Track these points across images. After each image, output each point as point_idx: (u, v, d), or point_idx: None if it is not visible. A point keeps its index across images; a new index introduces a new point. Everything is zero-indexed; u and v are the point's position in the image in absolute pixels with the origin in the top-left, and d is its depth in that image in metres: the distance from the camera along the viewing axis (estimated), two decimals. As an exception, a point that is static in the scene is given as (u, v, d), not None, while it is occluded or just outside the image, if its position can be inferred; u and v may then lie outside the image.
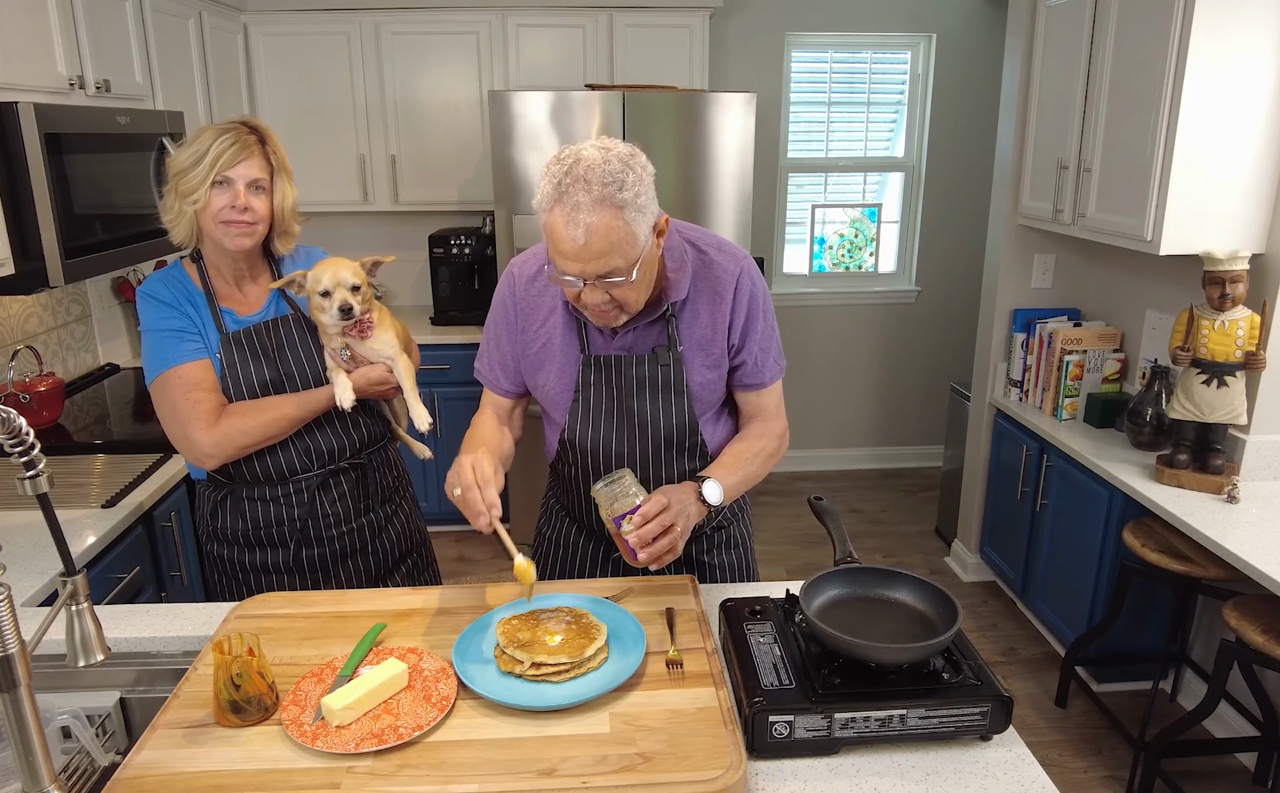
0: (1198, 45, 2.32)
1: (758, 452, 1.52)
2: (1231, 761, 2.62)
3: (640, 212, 1.27)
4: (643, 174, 1.28)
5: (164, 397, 1.59)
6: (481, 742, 1.11)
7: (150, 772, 1.07)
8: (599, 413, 1.50)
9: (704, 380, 1.49)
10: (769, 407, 1.56)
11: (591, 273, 1.28)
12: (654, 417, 1.49)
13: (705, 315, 1.47)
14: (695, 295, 1.47)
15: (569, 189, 1.24)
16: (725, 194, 3.47)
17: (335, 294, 1.59)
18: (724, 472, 1.46)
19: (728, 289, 1.47)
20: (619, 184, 1.24)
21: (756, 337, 1.49)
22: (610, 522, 1.37)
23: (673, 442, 1.51)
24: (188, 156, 1.53)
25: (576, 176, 1.24)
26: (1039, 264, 3.34)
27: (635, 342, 1.47)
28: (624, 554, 1.37)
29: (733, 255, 1.50)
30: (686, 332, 1.47)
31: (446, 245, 3.89)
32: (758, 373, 1.52)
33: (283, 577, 1.73)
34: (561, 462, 1.59)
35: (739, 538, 1.71)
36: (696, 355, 1.48)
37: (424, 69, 3.80)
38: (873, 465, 4.87)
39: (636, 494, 1.36)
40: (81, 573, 1.03)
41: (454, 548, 3.91)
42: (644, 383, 1.48)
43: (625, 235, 1.26)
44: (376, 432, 1.80)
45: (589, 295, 1.32)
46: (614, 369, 1.48)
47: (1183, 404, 2.45)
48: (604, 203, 1.23)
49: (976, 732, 1.16)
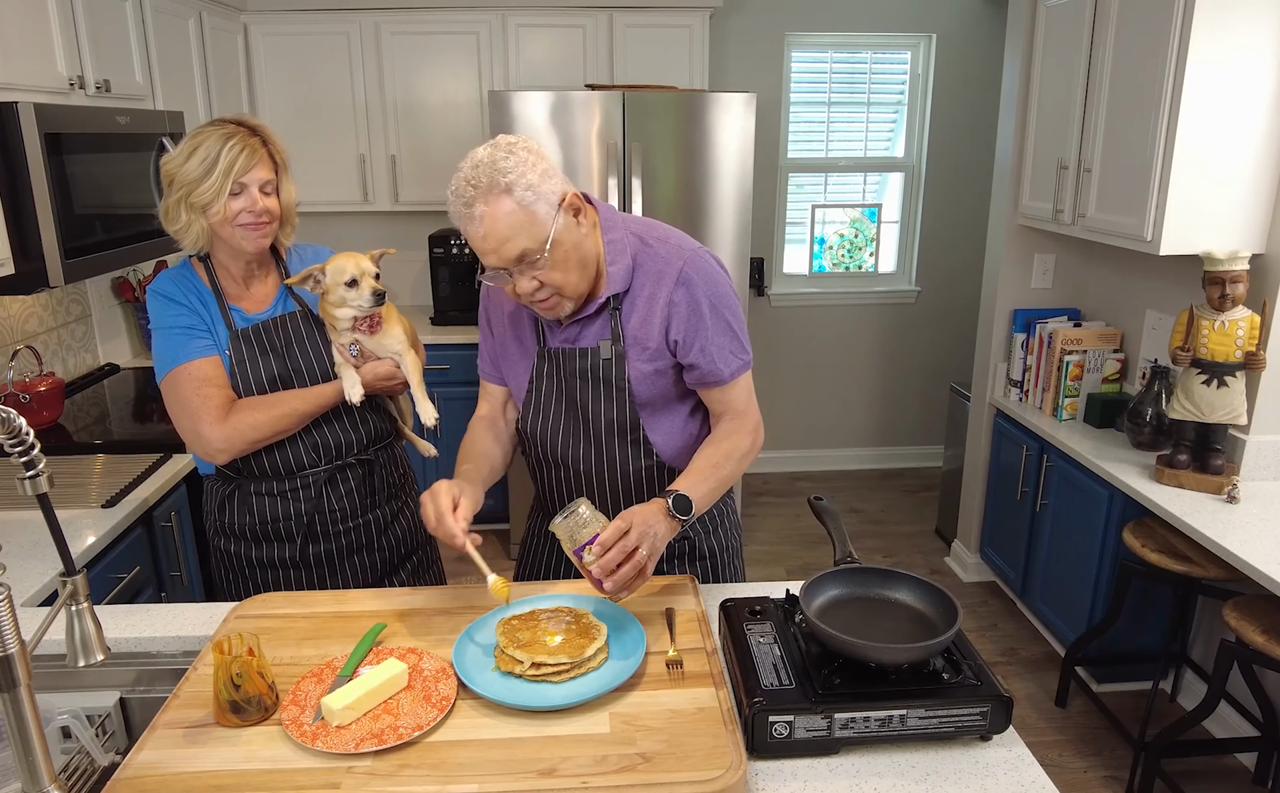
0: (1198, 45, 2.32)
1: (728, 453, 1.46)
2: (1231, 761, 2.62)
3: (531, 190, 1.30)
4: (526, 155, 1.32)
5: (174, 393, 1.60)
6: (481, 742, 1.11)
7: (150, 772, 1.07)
8: (549, 405, 1.54)
9: (641, 374, 1.47)
10: (737, 402, 1.50)
11: (505, 259, 1.33)
12: (595, 411, 1.50)
13: (643, 308, 1.45)
14: (638, 288, 1.46)
15: (461, 190, 1.31)
16: (725, 194, 3.47)
17: (364, 282, 1.61)
18: (693, 481, 1.39)
19: (665, 283, 1.43)
20: (502, 170, 1.29)
21: (705, 332, 1.43)
22: (572, 555, 1.32)
23: (614, 438, 1.52)
24: (196, 166, 1.53)
25: (465, 177, 1.31)
26: (1039, 264, 3.34)
27: (581, 334, 1.49)
28: (593, 585, 1.32)
29: (677, 248, 1.46)
30: (627, 325, 1.47)
31: (446, 245, 3.89)
32: (714, 371, 1.46)
33: (289, 572, 1.74)
34: (524, 453, 1.66)
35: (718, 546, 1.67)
36: (633, 349, 1.47)
37: (424, 69, 3.80)
38: (873, 465, 4.87)
39: (595, 523, 1.31)
40: (81, 573, 1.03)
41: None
42: (586, 375, 1.49)
43: (522, 216, 1.30)
44: (383, 428, 1.81)
45: (520, 284, 1.36)
46: (561, 361, 1.50)
47: (1183, 404, 2.45)
48: (492, 190, 1.29)
49: (976, 732, 1.16)
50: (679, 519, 1.34)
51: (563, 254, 1.35)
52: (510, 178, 1.29)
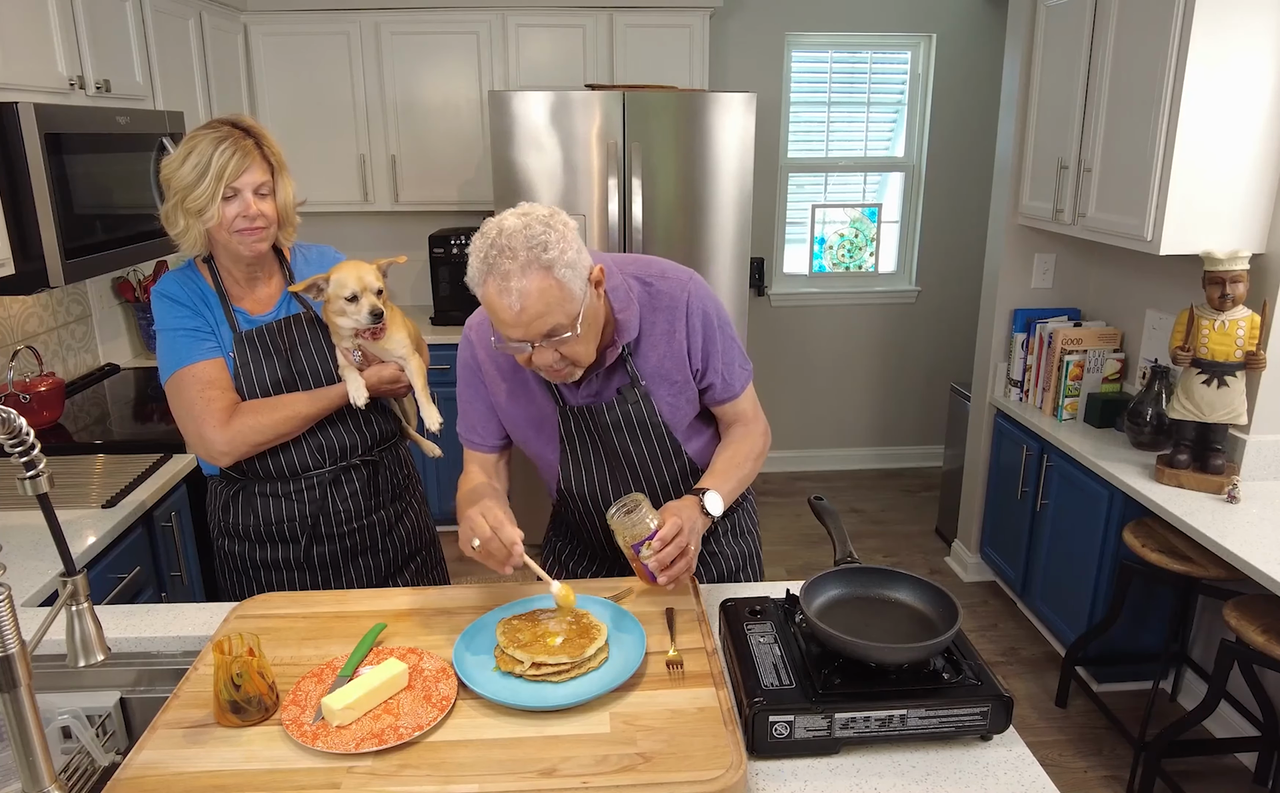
0: (1198, 45, 2.32)
1: (747, 454, 1.56)
2: (1231, 761, 2.62)
3: (570, 267, 1.27)
4: (565, 231, 1.28)
5: (178, 395, 1.60)
6: (481, 742, 1.11)
7: (150, 772, 1.07)
8: (588, 460, 1.54)
9: (672, 405, 1.51)
10: (746, 411, 1.59)
11: (534, 334, 1.29)
12: (639, 453, 1.52)
13: (662, 345, 1.47)
14: (647, 329, 1.47)
15: (495, 260, 1.25)
16: (725, 194, 3.47)
17: (363, 300, 1.60)
18: (719, 480, 1.49)
19: (679, 315, 1.47)
20: (543, 245, 1.24)
21: (718, 353, 1.51)
22: (628, 548, 1.40)
23: (663, 473, 1.55)
24: (190, 171, 1.52)
25: (501, 247, 1.24)
26: (1039, 264, 3.34)
27: (602, 389, 1.48)
28: (641, 577, 1.43)
29: (677, 280, 1.49)
30: (644, 365, 1.48)
31: (447, 245, 3.89)
32: (728, 388, 1.54)
33: (293, 573, 1.74)
34: (563, 507, 1.64)
35: (746, 527, 1.73)
36: (659, 386, 1.49)
37: (424, 69, 3.80)
38: (873, 465, 4.87)
39: (652, 520, 1.39)
40: (82, 573, 1.03)
41: (456, 548, 3.90)
42: (619, 424, 1.50)
43: (559, 293, 1.26)
44: (388, 429, 1.81)
45: (539, 357, 1.32)
46: (590, 417, 1.50)
47: (1183, 404, 2.45)
48: (531, 265, 1.24)
49: (977, 732, 1.16)
50: (709, 516, 1.44)
51: (588, 327, 1.34)
52: (552, 255, 1.25)
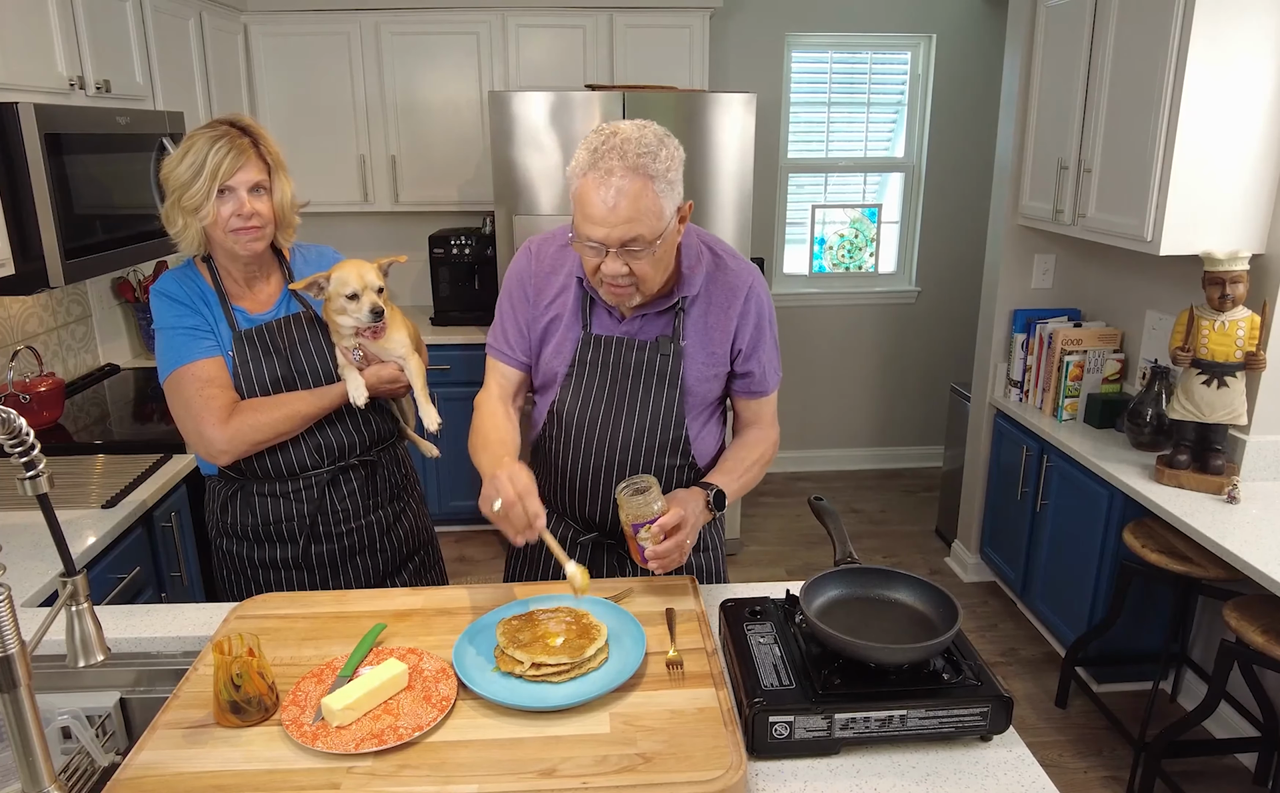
0: (1197, 46, 2.32)
1: (756, 459, 1.58)
2: (1231, 761, 2.62)
3: (670, 186, 1.33)
4: (675, 153, 1.35)
5: (177, 393, 1.60)
6: (481, 742, 1.11)
7: (150, 772, 1.07)
8: (590, 389, 1.53)
9: (701, 377, 1.52)
10: (766, 416, 1.62)
11: (616, 238, 1.32)
12: (641, 403, 1.52)
13: (714, 316, 1.51)
14: (706, 296, 1.51)
15: (604, 156, 1.30)
16: (725, 194, 3.47)
17: (364, 297, 1.61)
18: (727, 478, 1.51)
19: (739, 296, 1.51)
20: (653, 155, 1.30)
21: (765, 347, 1.55)
22: (628, 526, 1.41)
23: (656, 432, 1.52)
24: (185, 169, 1.53)
25: (613, 146, 1.30)
26: (1039, 264, 3.34)
27: (641, 328, 1.51)
28: (634, 555, 1.43)
29: (746, 266, 1.55)
30: (693, 328, 1.51)
31: (447, 246, 3.89)
32: (763, 381, 1.58)
33: (291, 573, 1.73)
34: (546, 435, 1.59)
35: (707, 543, 1.69)
36: (699, 352, 1.51)
37: (424, 69, 3.80)
38: (873, 465, 4.87)
39: (658, 504, 1.39)
40: (81, 573, 1.03)
41: (455, 548, 3.91)
42: (640, 369, 1.50)
43: (653, 205, 1.31)
44: (386, 429, 1.81)
45: (609, 264, 1.35)
46: (612, 350, 1.51)
47: (1183, 404, 2.45)
48: (636, 171, 1.29)
49: (976, 732, 1.16)
50: (713, 511, 1.46)
51: (663, 253, 1.38)
52: (658, 167, 1.30)
